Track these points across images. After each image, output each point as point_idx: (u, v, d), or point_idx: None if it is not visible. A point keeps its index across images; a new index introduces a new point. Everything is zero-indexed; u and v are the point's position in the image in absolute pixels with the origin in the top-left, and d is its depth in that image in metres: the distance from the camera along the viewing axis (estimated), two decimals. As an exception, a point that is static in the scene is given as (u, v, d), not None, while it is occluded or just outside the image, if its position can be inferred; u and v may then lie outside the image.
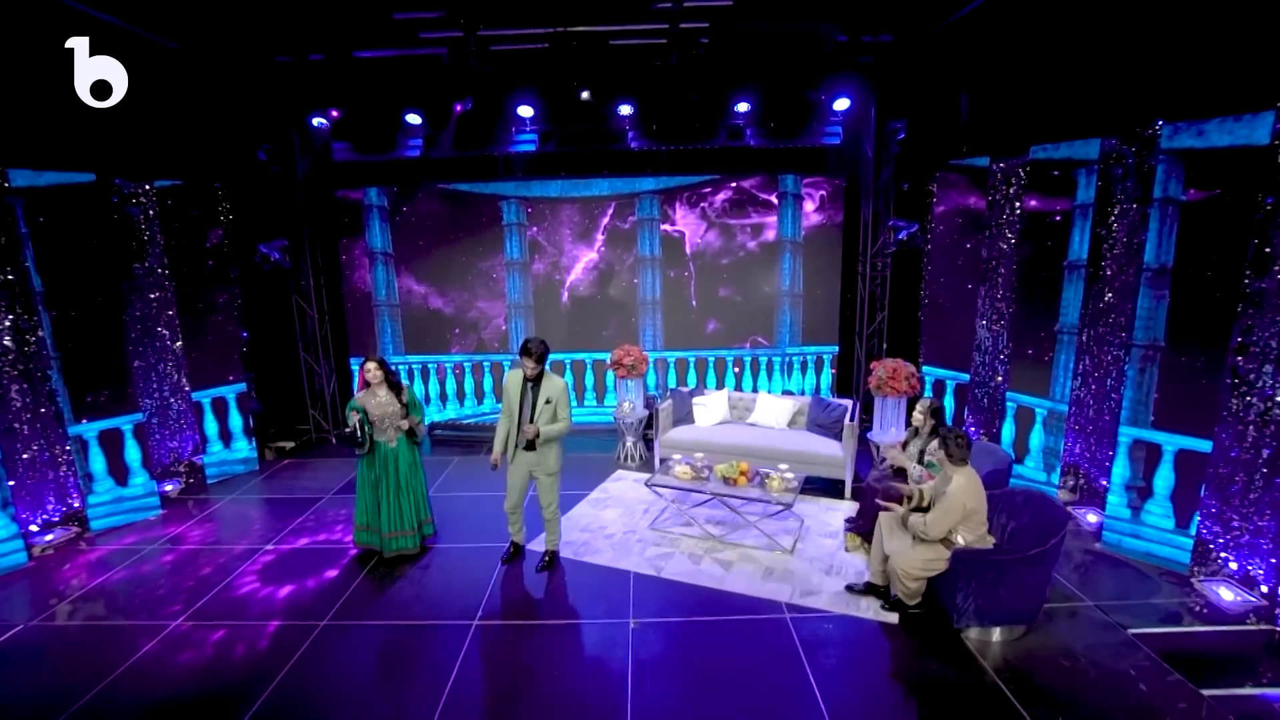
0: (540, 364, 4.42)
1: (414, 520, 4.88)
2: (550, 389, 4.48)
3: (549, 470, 4.61)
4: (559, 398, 4.49)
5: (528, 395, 4.52)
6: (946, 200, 6.52)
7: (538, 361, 4.39)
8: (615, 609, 4.26)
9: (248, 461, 6.90)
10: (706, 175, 7.46)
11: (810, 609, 4.23)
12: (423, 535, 4.98)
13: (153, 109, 5.62)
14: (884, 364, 5.77)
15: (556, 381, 4.51)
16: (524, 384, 4.53)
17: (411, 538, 4.89)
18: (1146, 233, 4.61)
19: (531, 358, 4.38)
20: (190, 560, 5.02)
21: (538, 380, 4.49)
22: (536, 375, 4.46)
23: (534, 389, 4.49)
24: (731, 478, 5.07)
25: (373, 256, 7.70)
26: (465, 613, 4.22)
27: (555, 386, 4.49)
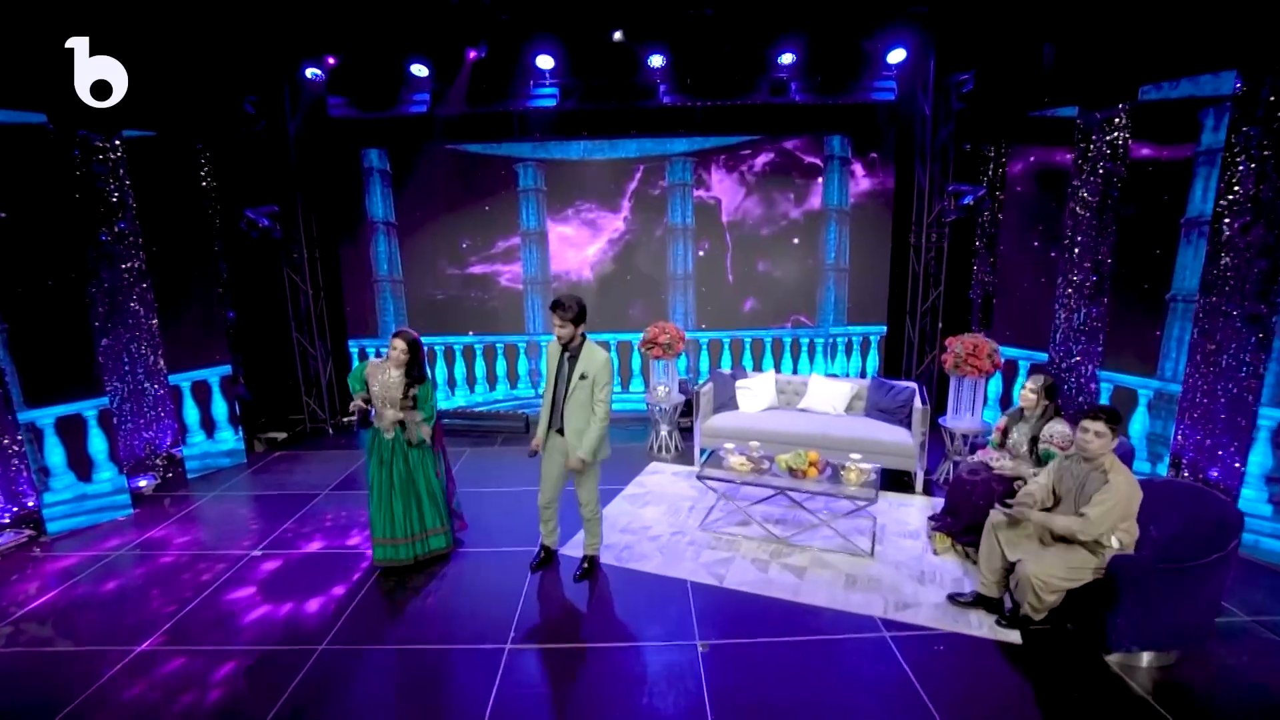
0: (573, 324, 3.63)
1: (438, 517, 4.17)
2: (589, 362, 3.70)
3: (574, 456, 3.77)
4: (598, 374, 3.68)
5: (563, 368, 3.77)
6: (1020, 159, 5.80)
7: (570, 320, 3.61)
8: (676, 628, 3.53)
9: (234, 454, 6.12)
10: (745, 136, 6.72)
11: (911, 625, 3.51)
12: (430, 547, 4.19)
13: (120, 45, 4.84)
14: (962, 340, 5.06)
15: (598, 354, 3.72)
16: (562, 353, 3.79)
17: (430, 539, 4.16)
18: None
19: (562, 314, 3.60)
20: (165, 569, 4.25)
21: (576, 350, 3.74)
22: (570, 340, 3.71)
23: (571, 361, 3.74)
24: (799, 469, 4.35)
25: (373, 226, 6.92)
26: (494, 633, 3.49)
27: (595, 360, 3.70)
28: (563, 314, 3.62)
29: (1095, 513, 3.04)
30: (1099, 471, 3.11)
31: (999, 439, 4.30)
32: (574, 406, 3.76)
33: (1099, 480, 3.11)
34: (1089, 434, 3.16)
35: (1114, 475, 3.05)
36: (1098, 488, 3.10)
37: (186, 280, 5.80)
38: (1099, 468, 3.11)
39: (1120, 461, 3.15)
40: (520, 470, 5.85)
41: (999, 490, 4.02)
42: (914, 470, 5.21)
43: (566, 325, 3.64)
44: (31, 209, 4.61)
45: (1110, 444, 3.12)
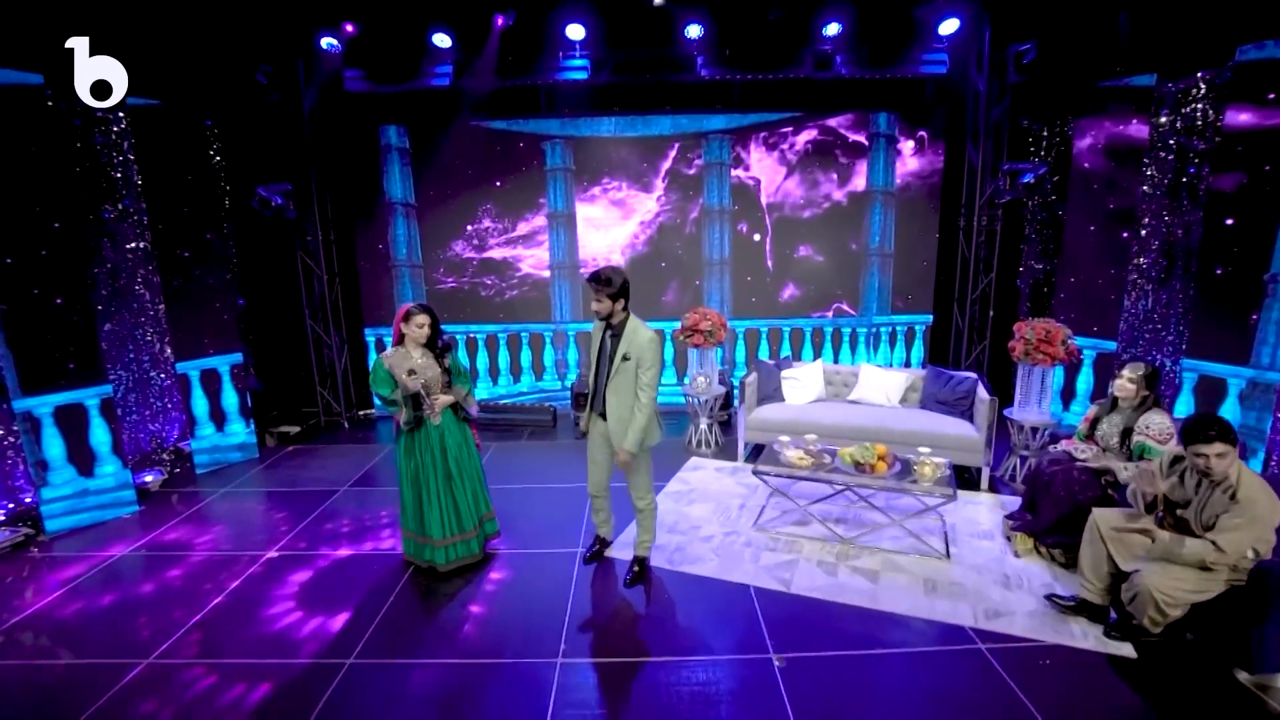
0: (612, 299, 3.24)
1: (474, 516, 3.76)
2: (632, 342, 3.30)
3: (619, 445, 3.41)
4: (642, 355, 3.28)
5: (606, 348, 3.40)
6: (1088, 133, 5.41)
7: (609, 295, 3.22)
8: (745, 638, 3.16)
9: (245, 448, 5.75)
10: (785, 113, 6.34)
11: (1007, 636, 3.14)
12: (485, 534, 3.87)
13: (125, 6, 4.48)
14: (1032, 325, 4.67)
15: (642, 333, 3.31)
16: (604, 331, 3.42)
17: (473, 540, 3.77)
18: None
19: (601, 287, 3.20)
20: (175, 572, 3.88)
21: (619, 328, 3.36)
22: (610, 316, 3.32)
23: (613, 340, 3.36)
24: (867, 463, 3.97)
25: (391, 208, 6.54)
26: (543, 645, 3.11)
27: (639, 339, 3.30)
28: (601, 287, 3.24)
29: (1230, 540, 2.61)
30: (1224, 492, 2.71)
31: (1086, 430, 3.92)
32: (616, 391, 3.38)
33: (1223, 501, 2.71)
34: (1207, 458, 2.70)
35: (1245, 492, 2.64)
36: (1224, 508, 2.70)
37: (194, 262, 5.43)
38: (1226, 488, 2.71)
39: (1250, 472, 2.74)
40: (550, 465, 5.49)
41: (1082, 481, 3.66)
42: (979, 466, 4.83)
43: (604, 300, 3.25)
44: (28, 179, 4.24)
45: (1234, 460, 2.72)
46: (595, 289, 3.25)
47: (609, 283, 3.22)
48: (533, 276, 6.82)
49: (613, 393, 3.40)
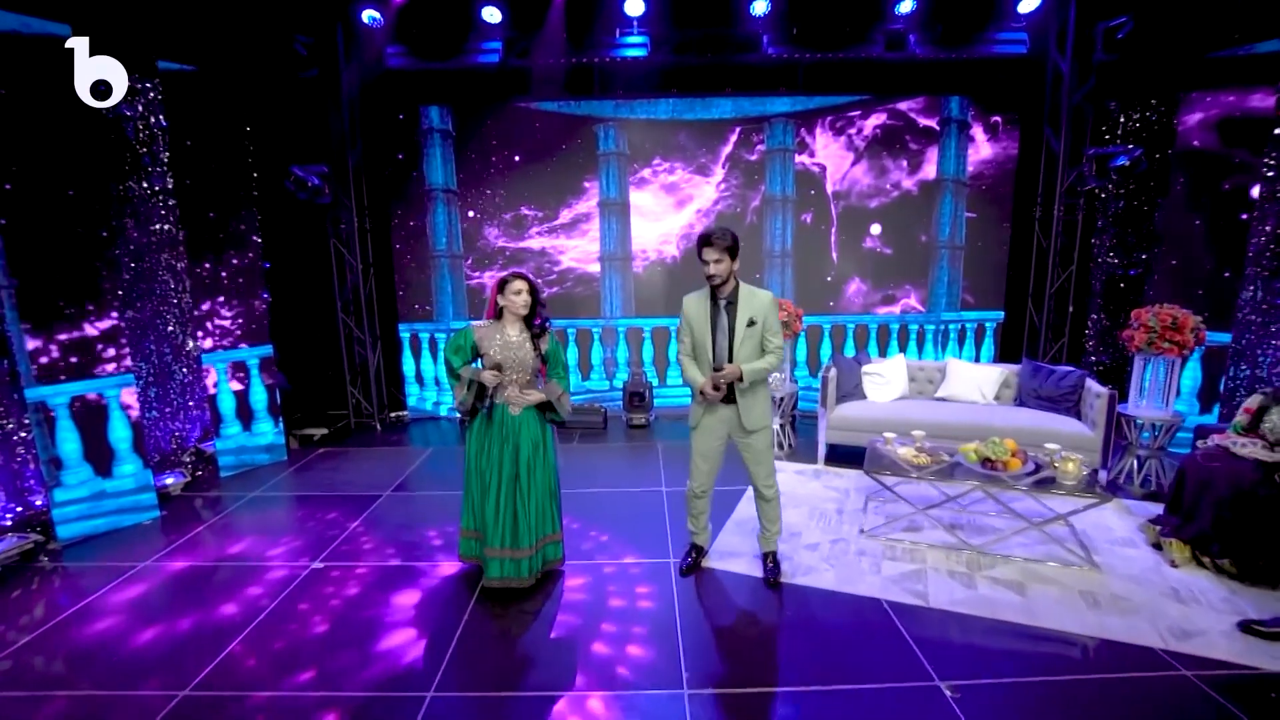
0: (729, 257, 2.93)
1: (533, 534, 3.16)
2: (754, 304, 3.01)
3: (760, 425, 3.11)
4: (767, 316, 3.02)
5: (720, 319, 3.01)
6: (1197, 109, 5.04)
7: (729, 249, 2.92)
8: (899, 663, 2.65)
9: (273, 449, 5.24)
10: (853, 96, 5.97)
11: (1211, 660, 2.65)
12: (544, 559, 3.27)
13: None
14: (1155, 312, 4.25)
15: (761, 294, 3.04)
16: (711, 303, 3.03)
17: (524, 562, 3.14)
18: None
19: (716, 244, 2.89)
20: (203, 586, 3.36)
21: (733, 294, 2.99)
22: (725, 281, 2.97)
23: (729, 308, 3.01)
24: (999, 459, 3.50)
25: (431, 195, 6.11)
26: (660, 674, 2.61)
27: (761, 301, 3.02)
28: (716, 244, 2.89)
29: None
30: None
31: (1247, 422, 3.47)
32: (744, 362, 3.01)
33: None
34: None
35: None
36: None
37: (224, 246, 4.97)
38: None
39: None
40: (607, 469, 5.00)
41: (1252, 478, 3.20)
42: (1095, 467, 4.35)
43: (723, 259, 2.92)
44: (49, 145, 3.79)
45: None
46: (709, 247, 2.92)
47: (724, 236, 2.91)
48: (576, 271, 6.37)
49: (742, 365, 2.99)
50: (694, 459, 3.24)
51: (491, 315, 3.12)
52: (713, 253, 2.91)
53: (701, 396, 3.08)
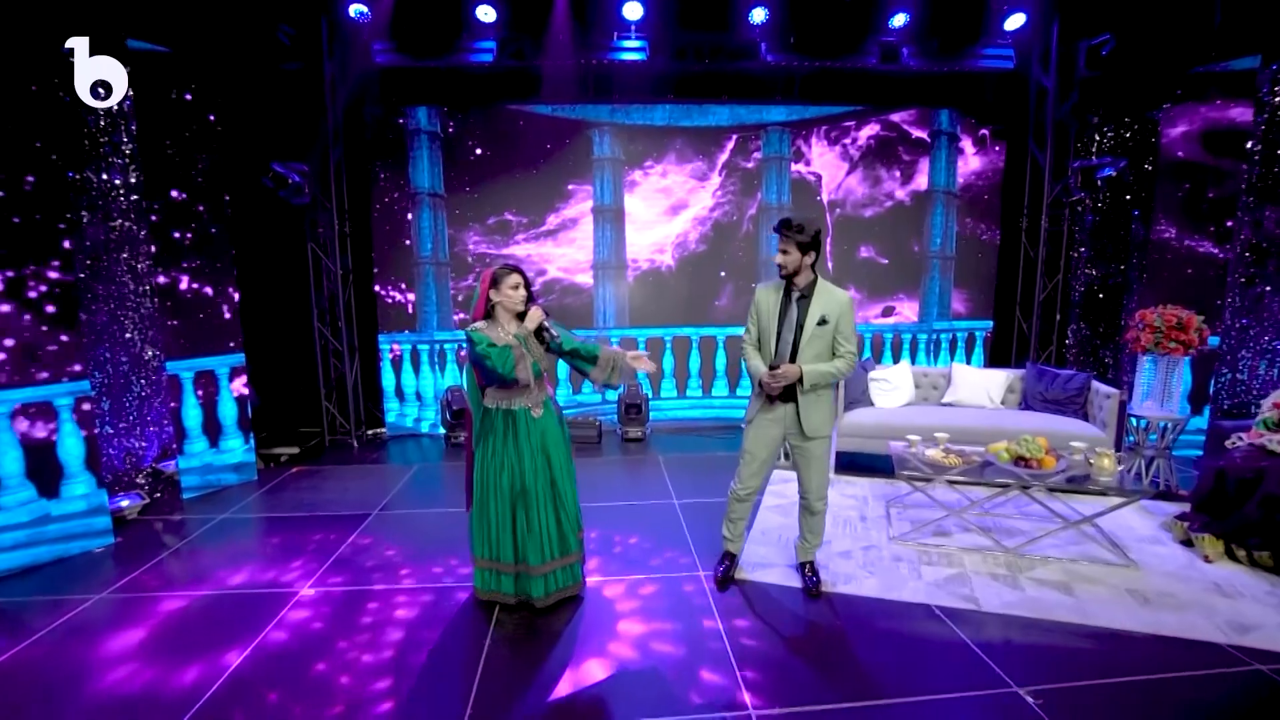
0: (804, 250, 2.76)
1: (576, 533, 2.97)
2: (829, 302, 2.83)
3: (820, 433, 2.92)
4: (841, 317, 2.83)
5: (789, 313, 2.83)
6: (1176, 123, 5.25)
7: (801, 245, 2.74)
8: (970, 669, 2.48)
9: (243, 468, 4.77)
10: (847, 106, 6.02)
11: (1278, 654, 2.57)
12: (573, 577, 3.00)
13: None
14: (1160, 312, 4.31)
15: (838, 293, 2.85)
16: (784, 295, 2.85)
17: (577, 565, 3.00)
18: None
19: (791, 234, 2.73)
20: (170, 627, 2.94)
21: (808, 289, 2.82)
22: (797, 273, 2.81)
23: (801, 303, 2.82)
24: (1034, 458, 3.42)
25: (417, 198, 5.82)
26: (718, 694, 2.37)
27: (837, 299, 2.84)
28: (791, 234, 2.73)
29: None
30: None
31: (1277, 417, 3.50)
32: (809, 363, 2.84)
33: None
34: None
35: None
36: None
37: (194, 247, 4.56)
38: None
39: None
40: (608, 483, 4.75)
41: (1292, 474, 3.21)
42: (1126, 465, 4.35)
43: (792, 251, 2.75)
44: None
45: None
46: (784, 236, 2.76)
47: (801, 229, 2.73)
48: (563, 281, 6.15)
49: (806, 365, 2.82)
50: (743, 456, 3.05)
51: (481, 315, 2.79)
52: (782, 243, 2.77)
53: (759, 389, 2.90)
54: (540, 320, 2.77)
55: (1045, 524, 3.71)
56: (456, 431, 5.72)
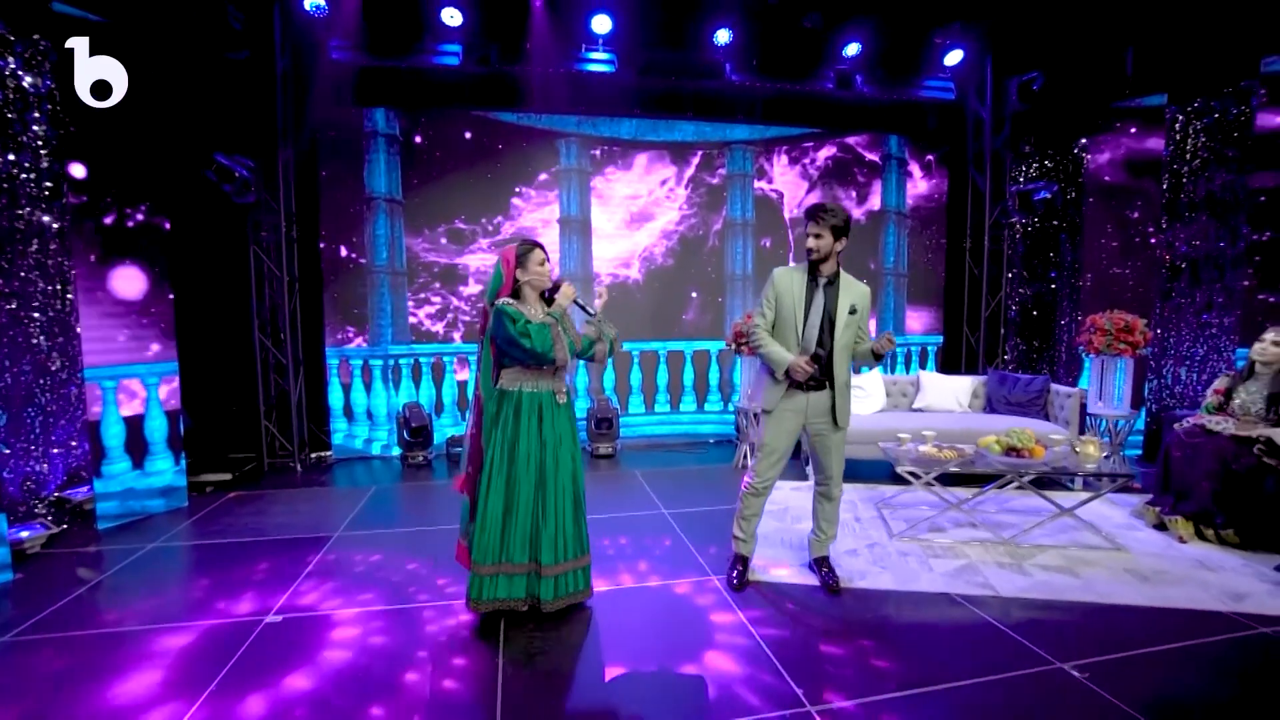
0: (836, 236, 2.74)
1: (587, 540, 2.77)
2: (855, 292, 2.84)
3: (848, 420, 2.88)
4: (866, 307, 2.88)
5: (815, 300, 2.78)
6: (1101, 151, 5.77)
7: (834, 229, 2.72)
8: (1010, 651, 2.44)
9: (171, 493, 4.18)
10: (806, 128, 6.25)
11: (1275, 617, 2.70)
12: (583, 580, 2.77)
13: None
14: (1109, 317, 4.64)
15: (859, 284, 2.88)
16: (809, 281, 2.80)
17: (589, 567, 2.78)
18: None
19: (823, 219, 2.71)
20: (95, 667, 2.46)
21: (834, 277, 2.80)
22: (826, 259, 2.77)
23: (829, 290, 2.78)
24: (1025, 448, 3.52)
25: (372, 203, 5.49)
26: (770, 694, 2.20)
27: (861, 290, 2.87)
28: (825, 218, 2.71)
29: None
30: None
31: (1217, 402, 3.78)
32: (842, 351, 2.82)
33: None
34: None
35: None
36: None
37: (120, 243, 4.05)
38: None
39: None
40: (590, 497, 4.52)
41: (1233, 450, 3.46)
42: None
43: (825, 235, 2.73)
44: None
45: None
46: (817, 220, 2.72)
47: (835, 214, 2.72)
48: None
49: (840, 354, 2.82)
50: (763, 449, 2.91)
51: (508, 294, 2.63)
52: (815, 227, 2.73)
53: (786, 377, 2.78)
54: (574, 297, 2.63)
55: (1030, 517, 3.81)
56: (415, 451, 5.30)
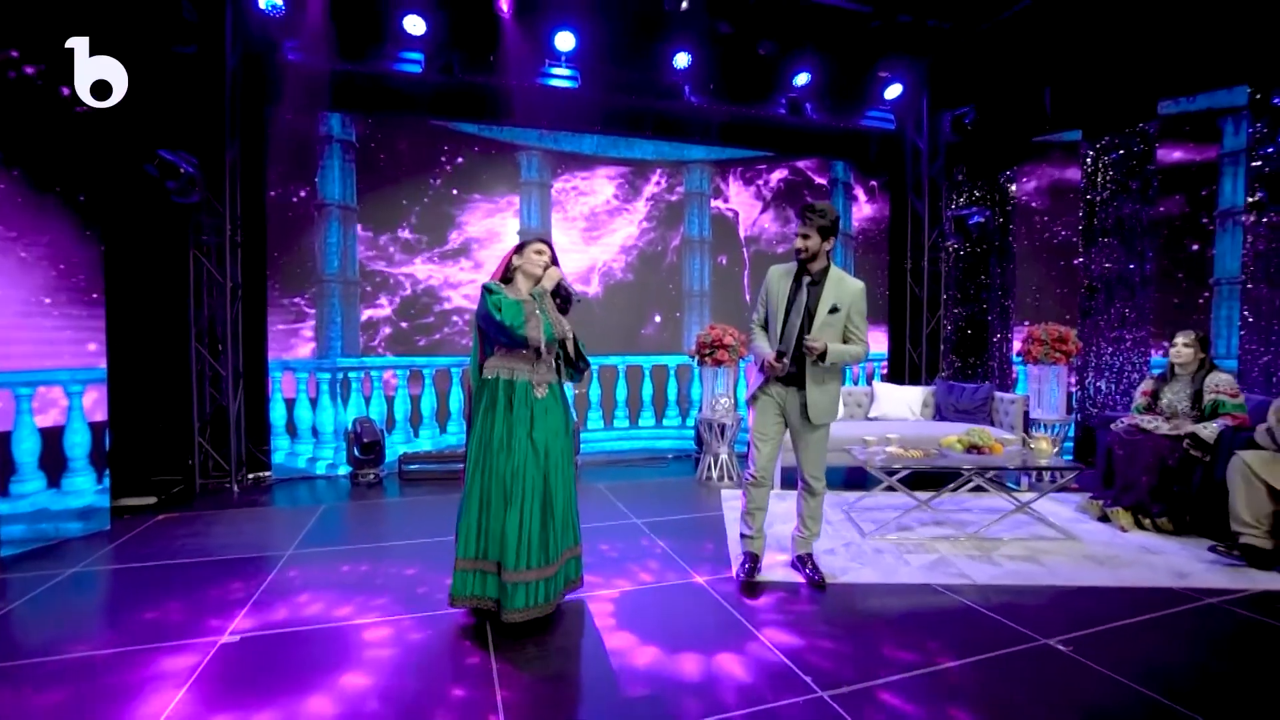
0: (824, 235, 2.82)
1: (558, 545, 2.58)
2: (841, 290, 2.87)
3: (825, 419, 2.91)
4: (852, 304, 2.88)
5: (799, 298, 2.85)
6: (1026, 180, 6.29)
7: (822, 230, 2.80)
8: (998, 631, 2.53)
9: (92, 514, 3.76)
10: (760, 151, 6.51)
11: (1218, 590, 2.95)
12: (566, 578, 2.65)
13: None
14: (1045, 328, 5.00)
15: (851, 281, 2.92)
16: (795, 279, 2.87)
17: (555, 580, 2.55)
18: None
19: (812, 218, 2.79)
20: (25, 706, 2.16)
21: (820, 275, 2.86)
22: (814, 259, 2.84)
23: (813, 289, 2.85)
24: (985, 446, 3.71)
25: (325, 210, 5.26)
26: (786, 681, 2.19)
27: (850, 288, 2.90)
28: (814, 218, 2.79)
29: None
30: None
31: (1145, 403, 4.12)
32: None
33: None
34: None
35: None
36: None
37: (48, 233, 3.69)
38: None
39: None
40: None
41: (1167, 447, 3.77)
42: (1016, 468, 4.84)
43: (813, 235, 2.80)
44: None
45: None
46: (806, 220, 2.79)
47: (823, 214, 2.79)
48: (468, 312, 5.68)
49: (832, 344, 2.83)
50: (754, 439, 2.96)
51: (499, 277, 2.63)
52: (804, 227, 2.80)
53: (764, 369, 2.86)
54: (559, 279, 2.59)
55: (988, 514, 3.99)
56: (366, 469, 5.01)
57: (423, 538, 3.67)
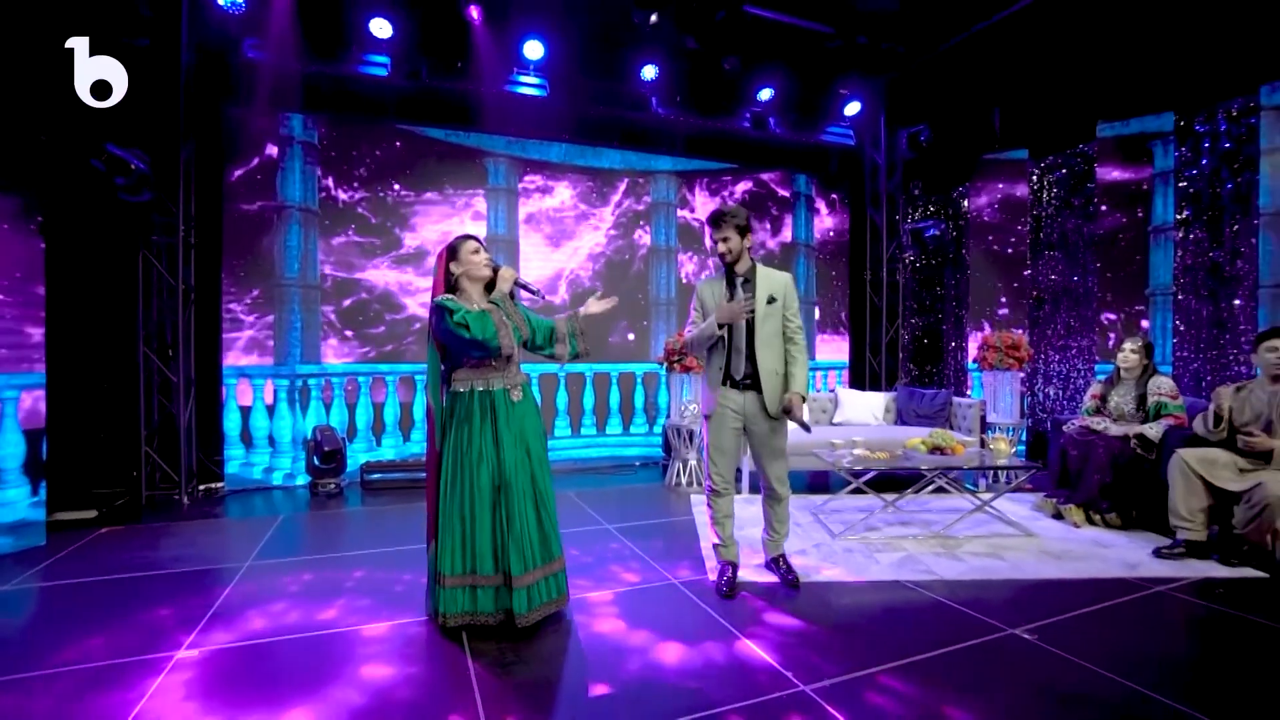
0: (743, 234, 2.87)
1: (556, 544, 2.61)
2: (772, 282, 2.93)
3: (776, 411, 2.92)
4: (787, 293, 2.93)
5: (737, 299, 2.89)
6: (979, 195, 6.58)
7: (740, 228, 2.85)
8: (965, 623, 2.61)
9: (24, 529, 3.51)
10: (725, 163, 6.63)
11: (1164, 579, 3.10)
12: (556, 589, 2.60)
13: None
14: (999, 335, 5.22)
15: (777, 273, 2.98)
16: (727, 284, 2.94)
17: (561, 574, 2.61)
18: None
19: (727, 222, 2.83)
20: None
21: (749, 273, 2.93)
22: (739, 259, 2.90)
23: (746, 287, 2.91)
24: (948, 447, 3.83)
25: (285, 212, 5.10)
26: (769, 677, 2.20)
27: (780, 278, 2.96)
28: (728, 220, 2.85)
29: None
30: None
31: (1095, 405, 4.32)
32: (767, 343, 2.90)
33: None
34: (1278, 351, 3.28)
35: None
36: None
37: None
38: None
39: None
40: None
41: (1117, 447, 3.97)
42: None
43: (732, 237, 2.86)
44: None
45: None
46: (720, 225, 2.85)
47: (735, 215, 2.85)
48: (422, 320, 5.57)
49: (764, 346, 2.89)
50: (711, 452, 2.96)
51: (443, 289, 2.54)
52: (721, 231, 2.85)
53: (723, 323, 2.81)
54: (515, 278, 2.56)
55: (950, 514, 4.12)
56: (326, 479, 4.85)
57: (386, 546, 3.57)
